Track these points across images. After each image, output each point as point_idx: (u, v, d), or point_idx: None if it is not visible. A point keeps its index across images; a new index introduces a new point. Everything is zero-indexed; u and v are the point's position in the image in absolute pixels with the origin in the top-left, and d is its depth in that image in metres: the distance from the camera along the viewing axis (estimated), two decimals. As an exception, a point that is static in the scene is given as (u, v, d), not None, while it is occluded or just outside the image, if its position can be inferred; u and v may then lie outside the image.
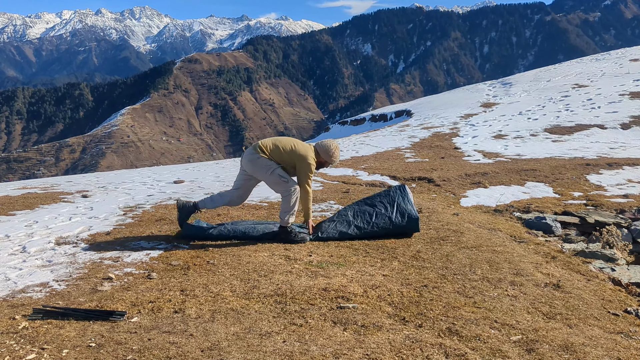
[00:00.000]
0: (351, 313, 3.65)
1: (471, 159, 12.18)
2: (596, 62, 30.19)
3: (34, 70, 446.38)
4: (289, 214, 5.38)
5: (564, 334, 3.48)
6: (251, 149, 5.41)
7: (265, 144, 5.38)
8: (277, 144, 5.37)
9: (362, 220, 5.73)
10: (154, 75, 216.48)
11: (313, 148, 5.47)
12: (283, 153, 5.33)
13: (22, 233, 5.80)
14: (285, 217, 5.39)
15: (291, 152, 5.32)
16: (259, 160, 5.31)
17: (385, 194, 5.99)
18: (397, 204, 5.83)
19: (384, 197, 5.96)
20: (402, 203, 5.84)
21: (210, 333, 3.26)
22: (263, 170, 5.32)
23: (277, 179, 5.31)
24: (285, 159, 5.34)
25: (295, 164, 5.34)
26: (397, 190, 5.99)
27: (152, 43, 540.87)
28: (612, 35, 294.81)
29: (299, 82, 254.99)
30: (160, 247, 5.22)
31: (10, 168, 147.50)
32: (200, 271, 4.49)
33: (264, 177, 5.36)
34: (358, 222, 5.71)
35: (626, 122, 15.93)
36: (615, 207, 7.91)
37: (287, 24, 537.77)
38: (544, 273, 4.76)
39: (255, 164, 5.34)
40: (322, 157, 5.45)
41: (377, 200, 5.93)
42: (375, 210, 5.82)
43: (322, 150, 5.44)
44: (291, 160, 5.34)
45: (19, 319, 3.43)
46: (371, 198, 6.01)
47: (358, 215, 5.77)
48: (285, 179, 5.32)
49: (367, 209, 5.84)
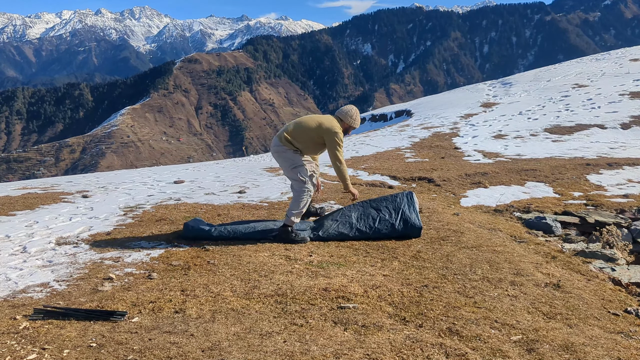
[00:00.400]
0: (352, 313, 3.66)
1: (471, 158, 12.18)
2: (596, 62, 30.19)
3: (34, 70, 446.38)
4: (296, 213, 5.44)
5: (564, 334, 3.48)
6: (277, 139, 5.54)
7: (291, 132, 5.46)
8: (300, 126, 5.48)
9: (364, 224, 5.72)
10: (153, 75, 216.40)
11: (335, 117, 5.61)
12: (309, 132, 5.43)
13: (23, 233, 5.80)
14: (291, 216, 5.43)
15: (317, 128, 5.43)
16: (285, 153, 5.45)
17: (392, 200, 5.96)
18: (402, 211, 5.81)
19: (390, 202, 5.92)
20: (407, 211, 5.81)
21: (211, 333, 3.26)
22: (287, 163, 5.47)
23: (296, 176, 5.45)
24: (313, 136, 5.44)
25: (324, 139, 5.44)
26: (404, 198, 5.96)
27: (152, 43, 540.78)
28: (612, 35, 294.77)
29: (298, 82, 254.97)
30: (160, 247, 5.22)
31: (10, 168, 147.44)
32: (200, 271, 4.49)
33: (286, 170, 5.53)
34: (360, 226, 5.70)
35: (626, 122, 15.93)
36: (615, 207, 7.91)
37: (287, 24, 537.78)
38: (544, 273, 4.77)
39: (280, 156, 5.50)
40: (346, 122, 5.58)
41: (383, 204, 5.90)
42: (380, 215, 5.80)
43: (344, 116, 5.58)
44: (319, 137, 5.45)
45: (19, 319, 3.43)
46: (377, 201, 5.97)
47: (361, 219, 5.77)
48: (304, 180, 5.42)
49: (372, 212, 5.83)
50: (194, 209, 7.04)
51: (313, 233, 5.65)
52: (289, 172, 5.51)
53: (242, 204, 7.36)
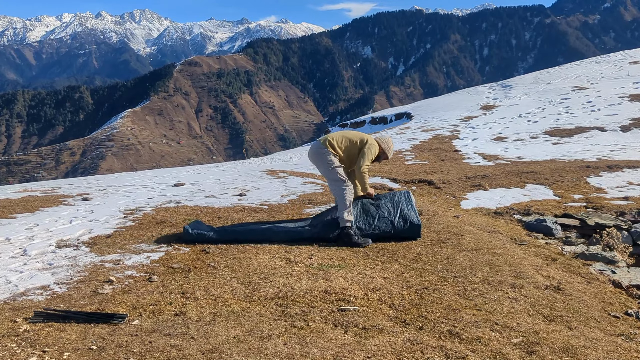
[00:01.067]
0: (352, 315, 3.66)
1: (471, 161, 12.18)
2: (596, 65, 30.22)
3: (34, 73, 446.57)
4: (346, 211, 5.59)
5: (564, 337, 3.48)
6: (319, 143, 5.77)
7: (336, 139, 5.73)
8: (346, 135, 5.80)
9: (364, 222, 5.75)
10: (154, 78, 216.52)
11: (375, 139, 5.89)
12: (353, 140, 5.74)
13: (23, 236, 5.80)
14: (343, 215, 5.57)
15: (361, 140, 5.74)
16: (325, 155, 5.66)
17: (391, 197, 6.05)
18: (401, 209, 5.87)
19: (388, 199, 6.01)
20: (406, 209, 5.88)
21: (211, 336, 3.26)
22: (326, 164, 5.67)
23: (335, 175, 5.63)
24: (355, 145, 5.72)
25: (360, 150, 5.71)
26: (402, 196, 6.06)
27: (152, 46, 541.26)
28: (611, 37, 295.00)
29: (299, 84, 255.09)
30: (161, 250, 5.22)
31: (10, 171, 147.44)
32: (201, 274, 4.49)
33: (325, 171, 5.72)
34: (360, 224, 5.73)
35: (626, 124, 15.94)
36: (615, 210, 7.91)
37: (287, 27, 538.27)
38: (545, 275, 4.77)
39: (320, 157, 5.71)
40: (382, 147, 5.84)
41: (382, 201, 5.98)
42: (379, 212, 5.84)
43: (382, 142, 5.87)
44: (358, 149, 5.72)
45: (20, 322, 3.43)
46: (375, 197, 6.04)
47: (361, 217, 5.80)
48: (343, 178, 5.63)
49: (371, 209, 5.88)
50: (194, 212, 7.04)
51: (312, 231, 5.68)
52: (328, 172, 5.69)
53: (243, 207, 7.36)
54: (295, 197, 8.03)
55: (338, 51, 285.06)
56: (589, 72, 27.57)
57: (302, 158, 15.63)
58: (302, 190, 8.56)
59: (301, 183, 9.33)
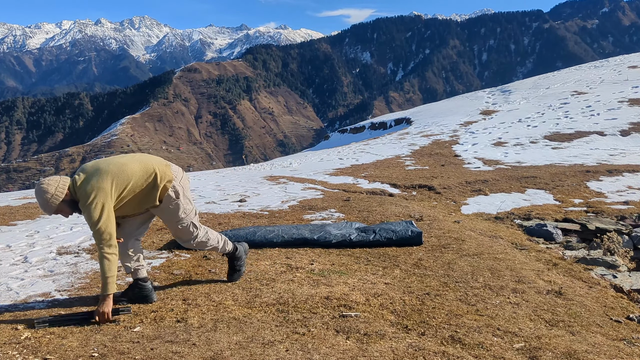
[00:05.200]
0: (353, 321, 3.65)
1: (471, 166, 12.19)
2: (595, 69, 30.29)
3: (34, 80, 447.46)
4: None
5: (566, 342, 3.47)
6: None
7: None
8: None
9: (365, 229, 5.88)
10: (153, 85, 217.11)
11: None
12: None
13: (24, 243, 5.80)
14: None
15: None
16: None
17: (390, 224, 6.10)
18: (401, 226, 5.94)
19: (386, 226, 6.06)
20: (405, 224, 5.98)
21: (213, 342, 3.25)
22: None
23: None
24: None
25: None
26: (403, 222, 6.10)
27: (151, 52, 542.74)
28: (610, 42, 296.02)
29: (298, 90, 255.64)
30: (161, 257, 5.22)
31: (10, 178, 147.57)
32: (202, 280, 4.48)
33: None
34: (360, 234, 5.81)
35: (625, 128, 15.96)
36: (615, 214, 7.91)
37: (286, 33, 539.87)
38: (546, 280, 4.76)
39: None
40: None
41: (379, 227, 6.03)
42: (380, 227, 5.98)
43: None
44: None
45: (21, 329, 3.43)
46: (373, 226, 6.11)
47: (363, 230, 5.90)
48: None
49: (369, 228, 5.97)
50: (195, 218, 7.03)
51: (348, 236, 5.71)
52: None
53: (243, 213, 7.36)
54: (296, 202, 8.03)
55: (337, 57, 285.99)
56: (588, 76, 27.63)
57: (301, 164, 15.65)
58: (302, 196, 8.56)
59: (301, 189, 9.33)
